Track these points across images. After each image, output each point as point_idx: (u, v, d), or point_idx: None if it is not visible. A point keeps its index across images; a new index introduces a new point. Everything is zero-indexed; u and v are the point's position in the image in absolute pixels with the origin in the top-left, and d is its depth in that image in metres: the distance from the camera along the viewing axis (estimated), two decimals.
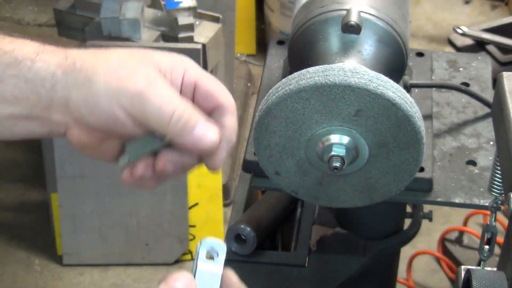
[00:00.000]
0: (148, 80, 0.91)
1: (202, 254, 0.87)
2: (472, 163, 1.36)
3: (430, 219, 1.52)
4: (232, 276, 0.88)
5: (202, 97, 0.95)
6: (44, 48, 0.93)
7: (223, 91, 0.97)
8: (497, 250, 1.16)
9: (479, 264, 1.21)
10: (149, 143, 0.95)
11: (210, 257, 0.87)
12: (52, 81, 0.91)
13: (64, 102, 0.92)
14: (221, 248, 0.88)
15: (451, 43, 2.69)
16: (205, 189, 2.58)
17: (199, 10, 2.43)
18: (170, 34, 2.38)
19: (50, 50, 0.93)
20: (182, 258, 2.65)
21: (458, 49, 2.62)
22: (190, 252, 2.66)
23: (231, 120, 0.97)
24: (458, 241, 2.53)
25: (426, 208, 1.52)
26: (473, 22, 3.39)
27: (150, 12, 2.42)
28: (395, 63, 1.27)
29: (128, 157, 0.96)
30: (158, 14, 2.42)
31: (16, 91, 0.91)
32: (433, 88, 1.48)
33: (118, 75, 0.90)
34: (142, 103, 0.90)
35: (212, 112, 0.96)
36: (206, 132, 0.93)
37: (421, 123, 1.15)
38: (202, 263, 0.86)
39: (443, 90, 1.49)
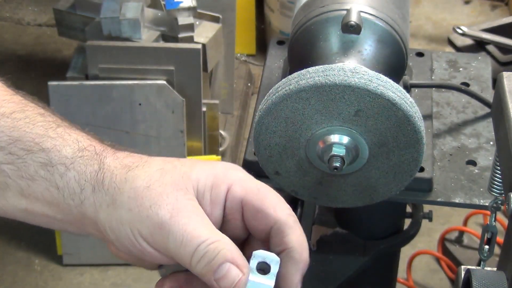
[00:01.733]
0: (173, 210, 0.80)
1: (252, 266, 0.81)
2: (472, 163, 1.36)
3: (430, 219, 1.52)
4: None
5: (252, 217, 0.83)
6: (82, 153, 0.85)
7: (277, 204, 0.83)
8: (497, 250, 1.16)
9: (479, 264, 1.21)
10: None
11: (262, 270, 0.82)
12: (81, 196, 0.84)
13: (94, 221, 0.84)
14: (274, 261, 0.82)
15: (451, 43, 2.70)
16: None
17: (199, 10, 2.44)
18: (170, 34, 2.39)
19: (88, 155, 0.85)
20: None
21: (458, 49, 2.62)
22: None
23: (295, 235, 0.83)
24: (458, 241, 2.53)
25: (426, 208, 1.52)
26: (473, 22, 3.39)
27: (150, 12, 2.42)
28: (395, 63, 1.27)
29: (165, 270, 0.88)
30: (158, 14, 2.42)
31: (47, 195, 0.84)
32: (433, 88, 1.48)
33: (142, 201, 0.81)
34: (163, 236, 0.80)
35: (270, 231, 0.83)
36: (228, 273, 0.80)
37: (421, 123, 1.15)
38: (253, 275, 0.81)
39: (443, 90, 1.49)
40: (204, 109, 2.41)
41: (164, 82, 2.29)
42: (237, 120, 2.95)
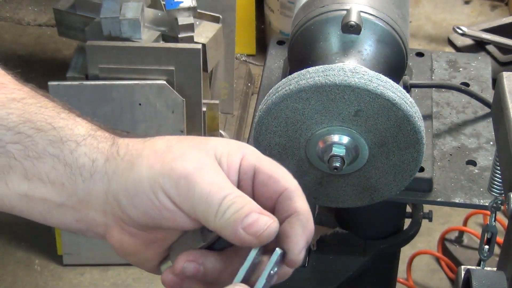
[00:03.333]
0: (198, 163, 0.81)
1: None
2: (472, 163, 1.36)
3: (430, 219, 1.52)
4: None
5: (263, 183, 0.84)
6: (95, 133, 0.85)
7: (286, 174, 0.86)
8: (497, 250, 1.16)
9: (479, 264, 1.21)
10: (195, 241, 0.84)
11: None
12: (91, 169, 0.83)
13: (103, 196, 0.84)
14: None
15: (451, 43, 2.70)
16: None
17: (199, 10, 2.43)
18: (170, 34, 2.38)
19: (101, 135, 0.85)
20: None
21: (458, 49, 2.62)
22: None
23: (303, 203, 0.85)
24: (458, 241, 2.53)
25: (426, 208, 1.52)
26: (473, 22, 3.39)
27: (150, 12, 2.42)
28: (395, 63, 1.27)
29: (170, 260, 0.86)
30: (158, 14, 2.42)
31: (53, 174, 0.84)
32: (433, 88, 1.48)
33: (164, 159, 0.81)
34: (189, 187, 0.80)
35: (277, 199, 0.84)
36: (257, 220, 0.80)
37: (421, 123, 1.15)
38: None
39: (443, 90, 1.49)
40: (204, 109, 2.41)
41: (164, 82, 2.28)
42: (237, 120, 2.95)
